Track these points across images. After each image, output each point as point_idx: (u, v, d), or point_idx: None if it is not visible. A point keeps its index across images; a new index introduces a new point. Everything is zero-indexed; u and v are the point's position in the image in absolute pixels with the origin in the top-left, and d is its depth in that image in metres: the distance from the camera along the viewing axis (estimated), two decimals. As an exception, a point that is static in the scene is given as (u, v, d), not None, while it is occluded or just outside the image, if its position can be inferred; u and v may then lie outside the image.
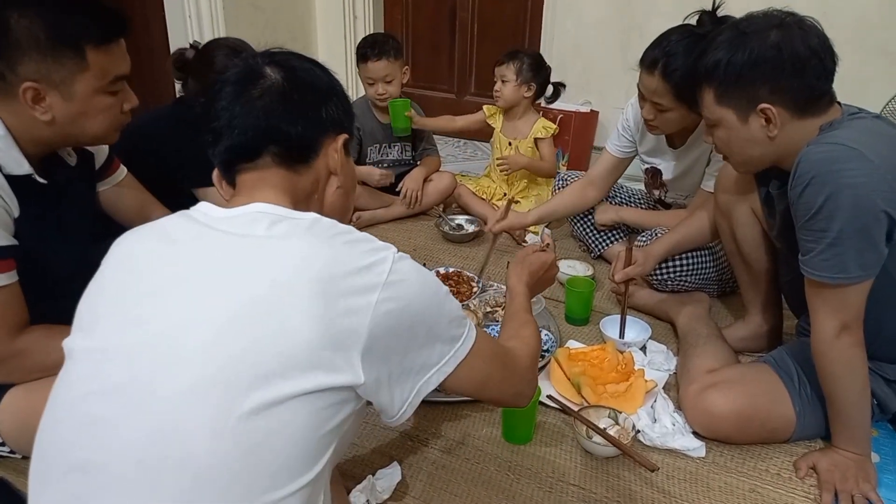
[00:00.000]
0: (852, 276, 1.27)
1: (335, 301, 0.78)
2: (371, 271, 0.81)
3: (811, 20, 1.34)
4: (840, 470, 1.39)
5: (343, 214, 1.04)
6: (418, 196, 2.70)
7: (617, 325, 1.91)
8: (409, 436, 1.53)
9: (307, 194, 0.96)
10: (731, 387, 1.50)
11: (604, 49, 3.39)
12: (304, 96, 0.94)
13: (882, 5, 2.78)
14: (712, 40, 1.39)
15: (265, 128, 0.91)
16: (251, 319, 0.76)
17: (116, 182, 1.62)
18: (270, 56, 0.97)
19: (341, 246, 0.83)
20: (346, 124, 1.00)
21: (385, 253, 0.85)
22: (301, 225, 0.85)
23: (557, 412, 1.61)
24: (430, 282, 0.90)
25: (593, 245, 2.42)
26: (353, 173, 1.05)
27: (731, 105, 1.38)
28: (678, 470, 1.45)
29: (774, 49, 1.30)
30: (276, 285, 0.77)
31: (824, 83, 1.33)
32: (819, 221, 1.26)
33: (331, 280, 0.78)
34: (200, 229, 0.86)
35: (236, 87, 0.92)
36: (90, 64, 1.24)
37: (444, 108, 3.92)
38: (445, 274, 2.17)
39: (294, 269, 0.79)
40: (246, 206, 0.88)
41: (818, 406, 1.45)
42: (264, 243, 0.82)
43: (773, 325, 1.82)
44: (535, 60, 2.63)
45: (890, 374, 1.44)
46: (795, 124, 1.34)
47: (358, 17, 3.93)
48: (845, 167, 1.22)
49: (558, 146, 3.43)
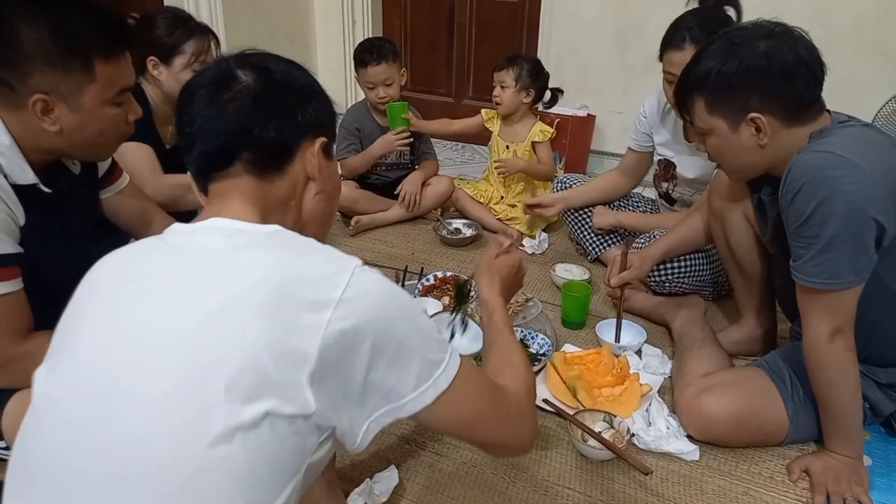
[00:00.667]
0: (844, 281, 1.28)
1: (284, 318, 0.73)
2: (325, 286, 0.76)
3: (799, 30, 1.36)
4: (833, 473, 1.41)
5: (325, 221, 1.01)
6: (417, 199, 2.72)
7: (613, 329, 1.92)
8: (407, 439, 1.54)
9: (282, 202, 0.92)
10: (726, 390, 1.52)
11: (600, 52, 3.41)
12: (279, 98, 0.90)
13: (879, 5, 2.80)
14: (703, 50, 1.41)
15: (237, 133, 0.87)
16: (199, 345, 0.72)
17: (119, 189, 1.64)
18: (244, 58, 0.93)
19: (296, 258, 0.79)
20: (325, 127, 0.95)
21: (344, 265, 0.79)
22: (257, 237, 0.82)
23: (553, 416, 1.62)
24: (398, 296, 0.82)
25: (590, 248, 2.44)
26: (334, 178, 1.01)
27: (721, 114, 1.40)
28: (672, 473, 1.47)
29: (764, 59, 1.31)
30: (227, 304, 0.74)
31: (813, 91, 1.35)
32: (810, 227, 1.27)
33: (281, 296, 0.74)
34: (162, 247, 0.84)
35: (209, 91, 0.88)
36: (98, 76, 1.25)
37: (443, 111, 3.93)
38: (443, 278, 2.19)
39: (244, 285, 0.75)
40: (207, 221, 0.85)
41: (811, 409, 1.47)
42: (218, 258, 0.79)
43: (768, 329, 1.84)
44: (534, 66, 2.65)
45: (882, 377, 1.46)
46: (786, 132, 1.36)
47: (356, 21, 3.95)
48: (836, 174, 1.24)
49: (555, 149, 3.45)
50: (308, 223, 0.95)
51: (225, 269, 0.78)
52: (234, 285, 0.75)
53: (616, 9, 3.32)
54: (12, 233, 1.23)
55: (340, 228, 2.70)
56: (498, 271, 1.30)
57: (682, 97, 1.47)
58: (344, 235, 2.65)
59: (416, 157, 2.87)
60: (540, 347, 1.84)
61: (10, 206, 1.23)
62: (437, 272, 2.22)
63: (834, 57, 3.09)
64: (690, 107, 1.45)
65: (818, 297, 1.32)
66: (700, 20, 1.90)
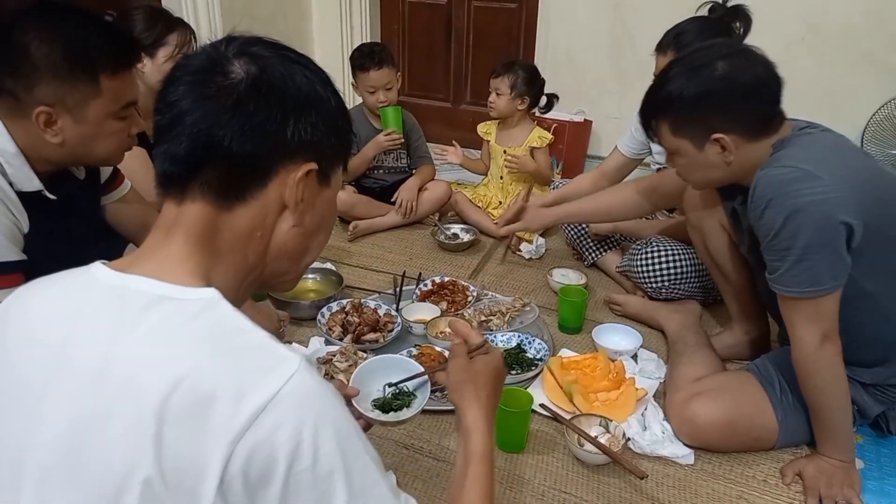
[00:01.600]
0: (825, 287, 1.32)
1: (181, 430, 0.61)
2: (248, 392, 0.62)
3: (755, 49, 1.40)
4: (825, 476, 1.43)
5: (298, 257, 0.83)
6: (413, 206, 2.74)
7: (609, 334, 1.94)
8: (404, 444, 1.56)
9: (242, 236, 0.75)
10: (715, 396, 1.54)
11: (596, 58, 3.43)
12: (266, 106, 0.72)
13: (867, 14, 2.83)
14: (663, 74, 1.45)
15: (205, 141, 0.71)
16: (78, 456, 0.63)
17: (120, 196, 1.66)
18: (245, 45, 0.75)
19: (219, 353, 0.65)
20: (323, 148, 0.77)
21: (277, 368, 0.64)
22: (178, 316, 0.67)
23: (550, 420, 1.64)
24: (341, 415, 0.67)
25: (587, 253, 2.46)
26: (323, 211, 0.82)
27: (686, 135, 1.44)
28: (667, 477, 1.49)
29: (722, 81, 1.36)
30: (113, 407, 0.63)
31: (773, 107, 1.40)
32: (782, 241, 1.31)
33: (182, 403, 0.61)
34: (70, 308, 0.71)
35: (193, 78, 0.73)
36: (104, 90, 1.27)
37: (440, 116, 3.96)
38: (441, 283, 2.21)
39: (141, 381, 0.63)
40: (130, 276, 0.70)
41: (800, 413, 1.49)
42: (119, 341, 0.66)
43: (760, 333, 1.86)
44: (530, 73, 2.67)
45: (867, 378, 1.48)
46: (750, 147, 1.40)
47: (354, 27, 3.97)
48: (800, 187, 1.28)
49: (552, 154, 3.47)
50: (275, 259, 0.80)
51: (119, 360, 0.65)
52: (122, 385, 0.63)
53: (611, 16, 3.34)
54: (17, 240, 1.25)
55: (339, 233, 2.72)
56: (482, 380, 1.04)
57: (646, 120, 1.52)
58: (342, 240, 2.67)
59: (413, 160, 2.89)
60: (537, 352, 1.85)
61: (15, 214, 1.25)
62: (435, 277, 2.24)
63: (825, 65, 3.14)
64: (656, 129, 1.49)
65: (801, 306, 1.35)
66: (698, 30, 1.93)
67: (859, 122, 2.82)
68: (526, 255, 2.54)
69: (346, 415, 0.68)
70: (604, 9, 3.35)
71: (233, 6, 3.40)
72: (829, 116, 2.98)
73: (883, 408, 1.52)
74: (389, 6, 4.04)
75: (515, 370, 1.77)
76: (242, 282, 0.78)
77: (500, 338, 1.91)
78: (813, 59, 2.96)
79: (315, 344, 1.89)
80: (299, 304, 2.05)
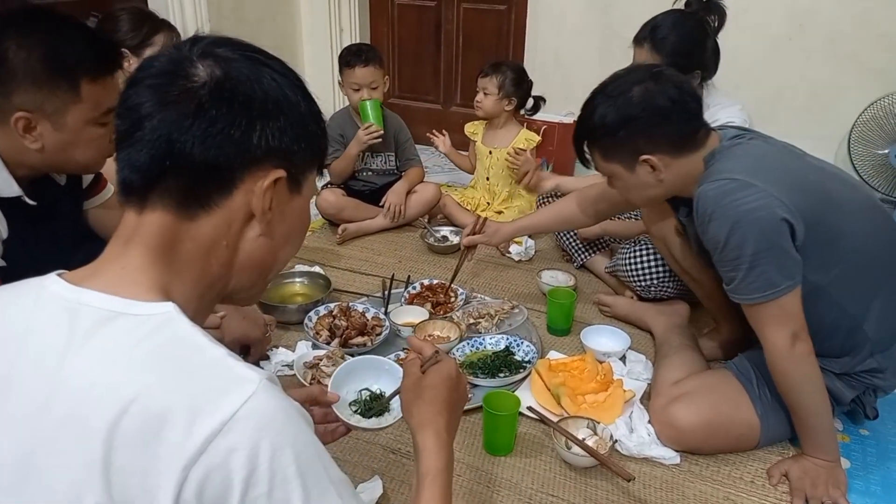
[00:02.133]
0: (782, 287, 1.35)
1: (131, 455, 0.58)
2: (202, 414, 0.59)
3: (668, 71, 1.47)
4: (811, 477, 1.43)
5: (264, 270, 0.80)
6: (401, 210, 2.74)
7: (597, 336, 1.94)
8: (391, 449, 1.56)
9: (205, 247, 0.72)
10: (693, 398, 1.55)
11: (585, 60, 3.44)
12: (230, 111, 0.69)
13: (854, 15, 2.84)
14: (586, 105, 1.52)
15: (165, 148, 0.68)
16: (23, 484, 0.61)
17: (103, 200, 1.65)
18: (210, 46, 0.72)
19: (173, 374, 0.62)
20: (292, 156, 0.74)
21: (235, 388, 0.61)
22: (132, 333, 0.64)
23: (538, 423, 1.64)
24: (302, 438, 0.64)
25: (576, 255, 2.46)
26: (294, 220, 0.80)
27: (616, 160, 1.51)
28: (654, 479, 1.49)
29: (639, 106, 1.42)
30: (59, 431, 0.61)
31: (693, 123, 1.46)
32: (731, 251, 1.36)
33: (132, 427, 0.59)
34: (19, 326, 0.68)
35: (154, 82, 0.70)
36: (84, 96, 1.26)
37: (430, 118, 3.95)
38: (430, 285, 2.20)
39: (89, 403, 0.60)
40: (83, 292, 0.67)
41: (779, 407, 1.50)
42: (68, 360, 0.63)
43: (743, 334, 1.86)
44: (518, 74, 2.67)
45: (836, 368, 1.50)
46: (680, 162, 1.46)
47: (344, 29, 3.96)
48: (737, 197, 1.34)
49: (542, 156, 3.47)
50: (241, 270, 0.76)
51: (67, 378, 0.62)
52: (71, 405, 0.61)
53: (599, 17, 3.35)
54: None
55: (327, 236, 2.71)
56: (433, 396, 0.98)
57: (578, 149, 1.58)
58: (331, 243, 2.66)
59: (402, 163, 2.89)
60: (525, 355, 1.85)
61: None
62: (424, 280, 2.23)
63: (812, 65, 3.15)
64: (590, 156, 1.56)
65: (764, 311, 1.38)
66: (673, 23, 1.98)
67: (846, 121, 2.83)
68: (515, 257, 2.54)
69: (309, 437, 0.66)
70: (592, 10, 3.36)
71: (220, 9, 3.39)
72: (815, 116, 3.03)
73: (856, 393, 1.53)
74: (378, 8, 4.03)
75: (504, 373, 1.77)
76: (204, 294, 0.75)
77: (488, 340, 1.91)
78: (800, 59, 2.97)
79: (302, 348, 1.89)
80: (286, 308, 2.05)
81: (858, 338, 1.48)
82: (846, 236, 1.40)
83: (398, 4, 3.98)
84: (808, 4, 2.90)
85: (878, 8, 2.80)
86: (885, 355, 1.50)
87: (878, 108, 2.70)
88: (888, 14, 2.78)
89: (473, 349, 1.88)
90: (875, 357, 1.49)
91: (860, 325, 1.46)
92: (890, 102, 2.68)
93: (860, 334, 1.47)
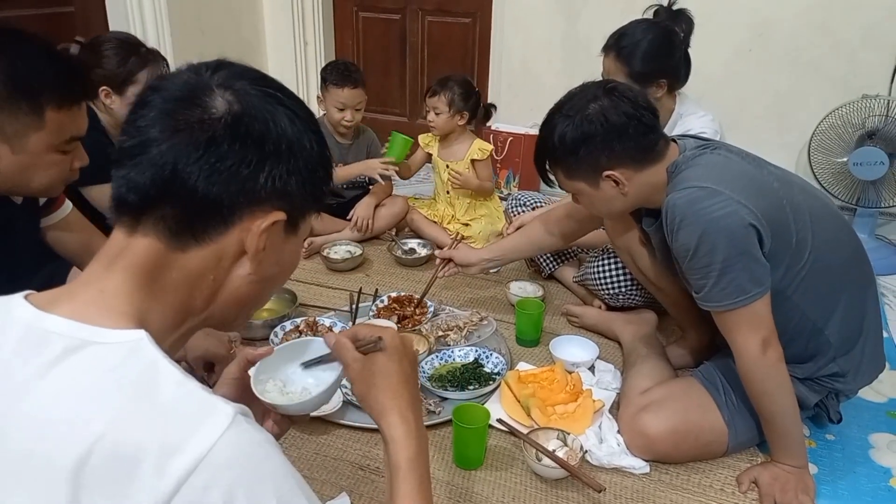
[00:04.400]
0: (752, 293, 1.36)
1: (100, 495, 0.56)
2: (175, 451, 0.57)
3: (621, 86, 1.49)
4: (780, 483, 1.44)
5: (248, 306, 0.79)
6: (369, 224, 2.72)
7: (566, 346, 1.93)
8: (359, 465, 1.53)
9: (192, 278, 0.71)
10: (661, 406, 1.55)
11: (550, 70, 3.46)
12: (242, 148, 0.68)
13: (811, 24, 2.89)
14: (544, 126, 1.53)
15: (169, 175, 0.66)
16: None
17: (61, 217, 1.60)
18: (230, 77, 0.70)
19: (141, 408, 0.59)
20: (294, 199, 0.72)
21: (207, 423, 0.59)
22: (99, 364, 0.62)
23: (508, 435, 1.62)
24: (280, 470, 0.63)
25: (544, 265, 2.46)
26: (285, 261, 0.78)
27: (579, 178, 1.53)
28: (625, 489, 1.48)
29: (595, 124, 1.44)
30: (21, 467, 0.58)
31: (650, 136, 1.48)
32: (701, 259, 1.37)
33: (101, 465, 0.56)
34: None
35: (167, 107, 0.68)
36: (47, 122, 1.23)
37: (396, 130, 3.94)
38: (397, 297, 2.18)
39: (53, 438, 0.58)
40: (49, 315, 0.65)
41: (745, 412, 1.51)
42: (29, 393, 0.60)
43: (709, 341, 1.87)
44: (465, 88, 2.66)
45: (799, 373, 1.51)
46: (641, 175, 1.48)
47: (308, 42, 3.94)
48: (706, 205, 1.35)
49: (508, 168, 3.49)
50: (223, 305, 0.75)
51: (30, 411, 0.60)
52: (37, 447, 0.58)
53: (565, 28, 3.37)
54: None
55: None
56: (385, 381, 0.89)
57: (541, 170, 1.60)
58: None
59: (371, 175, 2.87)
60: (494, 367, 1.84)
61: None
62: (392, 292, 2.21)
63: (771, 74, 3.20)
64: (554, 177, 1.58)
65: (734, 317, 1.39)
66: (642, 32, 2.01)
67: (806, 130, 2.88)
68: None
69: (286, 469, 0.63)
70: (558, 20, 3.38)
71: (182, 19, 3.34)
72: (776, 124, 3.08)
73: (819, 397, 1.55)
74: (343, 21, 4.02)
75: (473, 385, 1.75)
76: (181, 325, 0.73)
77: (457, 352, 1.89)
78: (760, 68, 3.02)
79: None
80: (252, 324, 2.00)
81: (821, 342, 1.49)
82: (809, 243, 1.42)
83: (363, 17, 3.98)
84: (769, 14, 2.94)
85: (834, 17, 2.86)
86: (846, 359, 1.52)
87: (837, 117, 2.75)
88: (846, 22, 2.84)
89: (442, 362, 1.87)
90: (837, 361, 1.51)
91: (822, 330, 1.48)
92: (848, 111, 2.73)
93: (822, 339, 1.49)
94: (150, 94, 0.70)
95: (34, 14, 2.74)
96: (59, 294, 0.68)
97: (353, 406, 1.66)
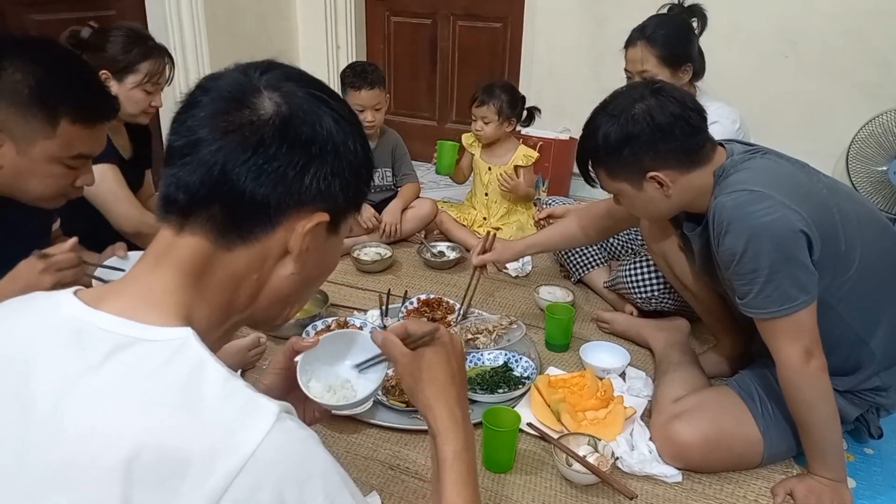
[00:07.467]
0: (799, 302, 1.33)
1: (151, 493, 0.57)
2: (222, 450, 0.58)
3: (669, 86, 1.47)
4: (816, 495, 1.41)
5: (289, 304, 0.79)
6: (397, 229, 2.73)
7: (597, 352, 1.92)
8: (390, 465, 1.53)
9: (237, 277, 0.72)
10: (694, 415, 1.53)
11: (579, 75, 3.44)
12: (290, 151, 0.68)
13: (845, 33, 2.85)
14: (587, 126, 1.51)
15: (218, 176, 0.67)
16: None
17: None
18: (278, 79, 0.71)
19: (188, 408, 0.60)
20: (338, 201, 0.73)
21: (253, 422, 0.60)
22: (147, 363, 0.62)
23: (538, 440, 1.61)
24: (326, 466, 0.63)
25: (573, 270, 2.44)
26: (327, 260, 0.80)
27: (622, 179, 1.50)
28: (656, 497, 1.46)
29: (641, 124, 1.42)
30: (73, 460, 0.58)
31: (696, 139, 1.45)
32: (746, 264, 1.34)
33: (151, 463, 0.57)
34: (26, 346, 0.66)
35: (216, 107, 0.69)
36: (59, 133, 1.25)
37: (426, 135, 3.95)
38: (427, 300, 2.18)
39: (98, 438, 0.58)
40: (98, 312, 0.66)
41: (783, 423, 1.48)
42: (78, 389, 0.61)
43: (744, 349, 1.84)
44: (512, 95, 2.67)
45: (840, 385, 1.48)
46: (687, 177, 1.45)
47: (340, 46, 3.97)
48: (755, 209, 1.32)
49: (538, 172, 3.47)
50: (266, 303, 0.76)
51: (77, 410, 0.60)
52: (89, 444, 0.58)
53: (593, 32, 3.35)
54: None
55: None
56: (434, 375, 0.90)
57: (583, 170, 1.58)
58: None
59: (399, 179, 2.88)
60: (524, 371, 1.83)
61: None
62: (421, 295, 2.21)
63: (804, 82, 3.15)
64: (596, 177, 1.56)
65: (779, 325, 1.36)
66: (659, 22, 2.08)
67: (841, 138, 2.83)
68: (512, 273, 2.52)
69: (331, 464, 0.64)
70: (585, 25, 3.36)
71: (216, 24, 3.38)
72: (810, 132, 3.03)
73: (860, 411, 1.52)
74: (375, 25, 4.05)
75: (503, 388, 1.74)
76: (224, 322, 0.74)
77: (486, 356, 1.89)
78: (793, 76, 2.98)
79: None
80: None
81: (864, 355, 1.46)
82: (857, 252, 1.39)
83: (394, 21, 4.00)
84: (800, 20, 2.90)
85: (869, 25, 2.81)
86: (890, 373, 1.48)
87: (877, 125, 2.71)
88: (879, 30, 2.79)
89: (472, 365, 1.86)
90: (880, 375, 1.48)
91: (866, 343, 1.45)
92: (888, 119, 2.69)
93: (866, 351, 1.45)
94: (199, 93, 0.71)
95: (74, 17, 2.79)
96: (107, 291, 0.70)
97: (384, 406, 1.66)
